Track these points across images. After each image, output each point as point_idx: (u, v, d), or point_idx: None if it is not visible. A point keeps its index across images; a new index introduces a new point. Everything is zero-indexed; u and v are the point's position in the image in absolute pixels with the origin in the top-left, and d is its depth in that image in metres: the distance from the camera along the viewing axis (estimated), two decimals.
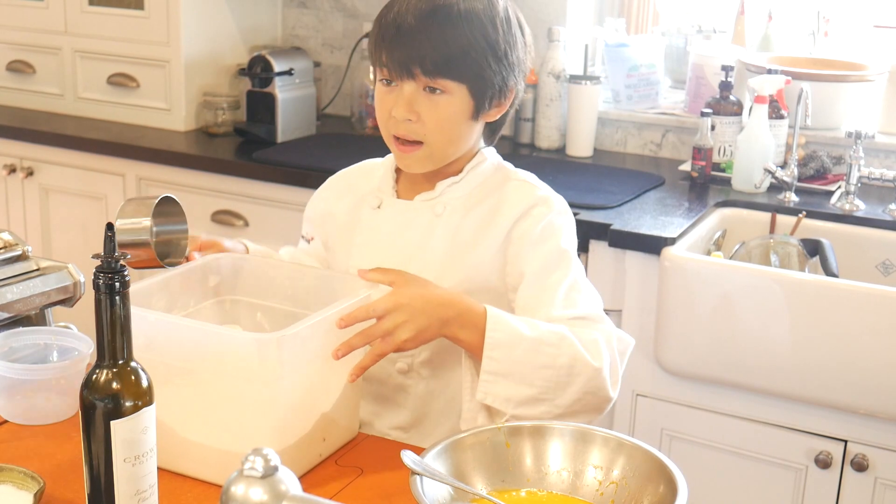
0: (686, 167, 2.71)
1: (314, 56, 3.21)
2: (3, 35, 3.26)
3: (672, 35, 3.03)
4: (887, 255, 2.35)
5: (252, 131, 2.94)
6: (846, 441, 2.11)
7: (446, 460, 1.17)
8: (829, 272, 2.18)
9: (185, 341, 1.27)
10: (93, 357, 1.11)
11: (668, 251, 2.18)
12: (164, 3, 2.95)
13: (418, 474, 1.10)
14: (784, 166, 2.49)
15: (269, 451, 0.85)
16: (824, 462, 2.11)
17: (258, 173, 2.71)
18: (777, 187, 2.50)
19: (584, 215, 2.29)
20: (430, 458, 1.14)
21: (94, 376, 1.08)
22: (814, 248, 2.27)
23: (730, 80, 2.65)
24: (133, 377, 1.09)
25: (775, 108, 2.57)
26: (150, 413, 1.10)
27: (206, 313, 1.48)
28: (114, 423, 1.08)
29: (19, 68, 3.25)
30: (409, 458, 1.13)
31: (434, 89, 1.44)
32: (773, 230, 2.41)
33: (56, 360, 1.48)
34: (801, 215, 2.38)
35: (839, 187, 2.51)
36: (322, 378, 1.34)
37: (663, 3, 3.11)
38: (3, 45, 3.27)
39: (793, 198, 2.45)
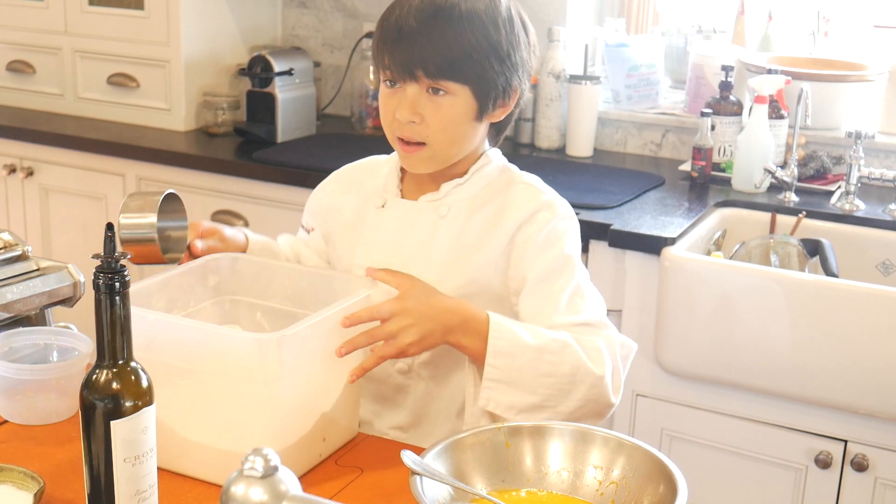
0: (686, 167, 2.71)
1: (314, 56, 3.21)
2: (3, 35, 3.26)
3: (672, 35, 3.03)
4: (887, 255, 2.35)
5: (252, 131, 2.94)
6: (846, 441, 2.11)
7: (446, 460, 1.17)
8: (829, 272, 2.18)
9: (185, 341, 1.27)
10: (93, 357, 1.11)
11: (668, 251, 2.18)
12: (164, 3, 2.95)
13: (418, 474, 1.10)
14: (784, 166, 2.49)
15: (269, 451, 0.86)
16: (824, 462, 2.11)
17: (258, 173, 2.71)
18: (777, 187, 2.50)
19: (584, 215, 2.29)
20: (430, 458, 1.14)
21: (94, 376, 1.08)
22: (814, 248, 2.27)
23: (730, 80, 2.65)
24: (133, 377, 1.09)
25: (775, 108, 2.57)
26: (150, 413, 1.10)
27: (205, 313, 1.48)
28: (114, 423, 1.08)
29: (19, 68, 3.25)
30: (409, 458, 1.13)
31: (437, 91, 1.44)
32: (773, 230, 2.41)
33: (56, 360, 1.48)
34: (801, 215, 2.38)
35: (839, 187, 2.51)
36: (322, 378, 1.34)
37: (663, 3, 3.10)
38: (3, 45, 3.27)
39: (793, 198, 2.45)
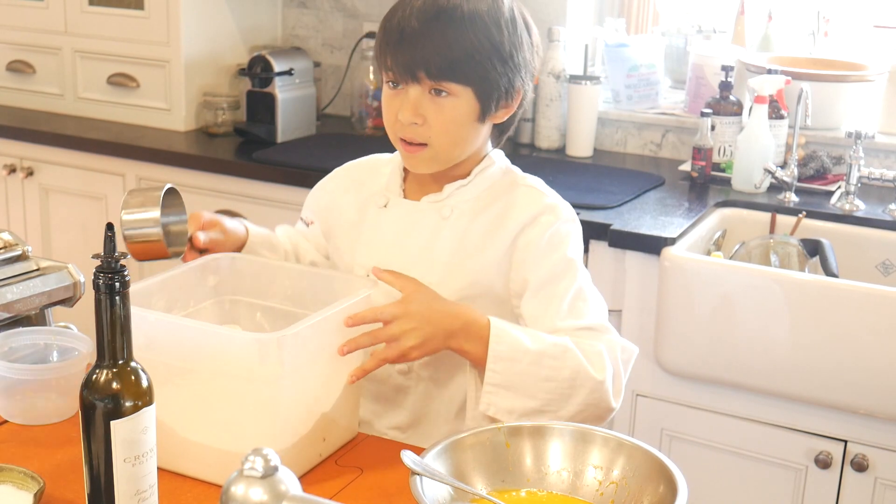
0: (686, 167, 2.71)
1: (314, 56, 3.21)
2: (3, 35, 3.26)
3: (672, 35, 3.03)
4: (887, 255, 2.35)
5: (252, 131, 2.94)
6: (846, 441, 2.11)
7: (446, 460, 1.17)
8: (829, 272, 2.18)
9: (185, 341, 1.27)
10: (93, 357, 1.11)
11: (668, 251, 2.18)
12: (164, 3, 2.95)
13: (418, 474, 1.10)
14: (784, 166, 2.49)
15: (269, 451, 0.86)
16: (824, 462, 2.11)
17: (258, 173, 2.71)
18: (777, 187, 2.50)
19: (584, 215, 2.28)
20: (430, 458, 1.14)
21: (94, 376, 1.08)
22: (814, 248, 2.27)
23: (730, 80, 2.65)
24: (133, 377, 1.09)
25: (775, 108, 2.57)
26: (150, 413, 1.10)
27: (205, 313, 1.48)
28: (114, 423, 1.08)
29: (19, 68, 3.25)
30: (409, 458, 1.13)
31: (440, 92, 1.44)
32: (773, 230, 2.41)
33: (56, 360, 1.48)
34: (801, 215, 2.38)
35: (839, 187, 2.51)
36: (322, 378, 1.34)
37: (663, 3, 3.10)
38: (3, 45, 3.27)
39: (793, 198, 2.45)
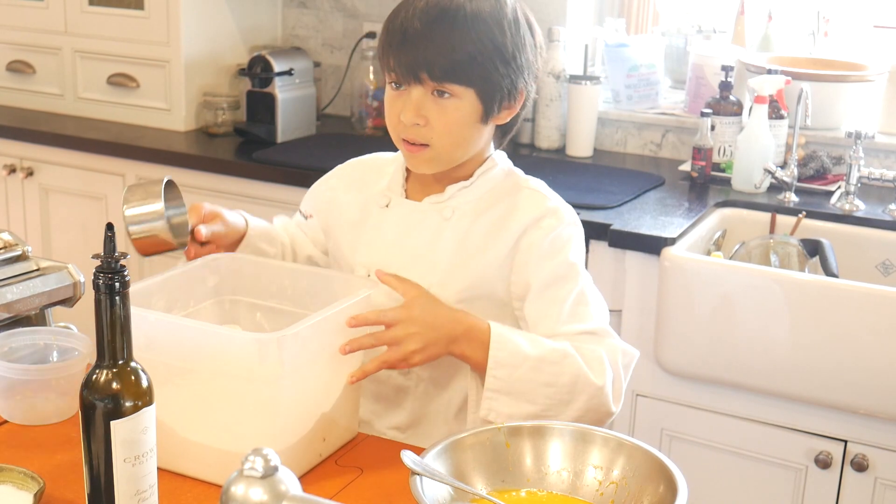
0: (686, 167, 2.71)
1: (314, 56, 3.21)
2: (3, 35, 3.26)
3: (672, 35, 3.03)
4: (887, 255, 2.35)
5: (252, 131, 2.94)
6: (846, 441, 2.11)
7: (446, 460, 1.17)
8: (829, 272, 2.18)
9: (185, 341, 1.27)
10: (93, 357, 1.11)
11: (668, 251, 2.18)
12: (164, 3, 2.95)
13: (418, 474, 1.10)
14: (784, 166, 2.49)
15: (269, 451, 0.86)
16: (824, 462, 2.11)
17: (258, 173, 2.71)
18: (777, 187, 2.50)
19: (584, 215, 2.28)
20: (430, 458, 1.14)
21: (94, 376, 1.08)
22: (814, 248, 2.27)
23: (730, 80, 2.65)
24: (133, 377, 1.09)
25: (775, 108, 2.57)
26: (150, 413, 1.10)
27: (205, 313, 1.48)
28: (114, 423, 1.08)
29: (19, 68, 3.25)
30: (409, 458, 1.13)
31: (442, 93, 1.44)
32: (773, 230, 2.41)
33: (56, 360, 1.48)
34: (800, 215, 2.38)
35: (839, 187, 2.51)
36: (322, 378, 1.34)
37: (663, 3, 3.10)
38: (3, 45, 3.27)
39: (793, 198, 2.45)
